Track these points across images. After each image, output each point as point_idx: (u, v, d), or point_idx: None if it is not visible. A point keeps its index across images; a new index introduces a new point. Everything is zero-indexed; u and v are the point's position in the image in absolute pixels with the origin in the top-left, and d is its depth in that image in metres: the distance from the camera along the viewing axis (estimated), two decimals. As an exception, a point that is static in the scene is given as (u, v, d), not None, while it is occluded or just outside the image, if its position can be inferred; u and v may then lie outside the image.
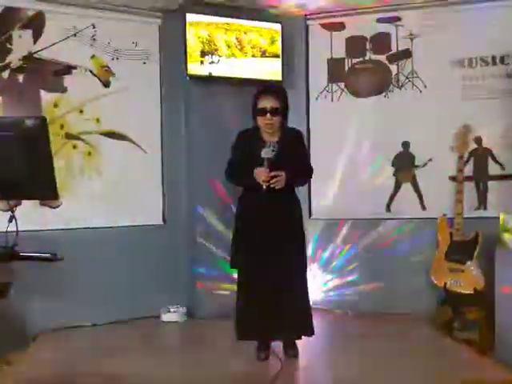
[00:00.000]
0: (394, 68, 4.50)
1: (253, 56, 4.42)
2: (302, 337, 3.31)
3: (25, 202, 3.59)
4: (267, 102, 3.16)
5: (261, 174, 3.06)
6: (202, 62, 4.26)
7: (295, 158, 3.19)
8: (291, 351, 3.28)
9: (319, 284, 4.50)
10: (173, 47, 4.37)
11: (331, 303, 4.42)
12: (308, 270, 3.36)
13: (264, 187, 3.05)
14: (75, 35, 4.09)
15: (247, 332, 3.24)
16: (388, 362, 3.24)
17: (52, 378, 3.05)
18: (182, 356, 3.55)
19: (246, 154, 3.18)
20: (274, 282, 3.13)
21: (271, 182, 3.04)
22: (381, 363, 3.21)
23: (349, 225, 4.46)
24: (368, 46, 4.54)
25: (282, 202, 3.16)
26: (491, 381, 2.96)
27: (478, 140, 4.29)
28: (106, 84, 4.24)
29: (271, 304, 3.14)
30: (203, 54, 4.26)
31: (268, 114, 3.14)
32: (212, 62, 4.29)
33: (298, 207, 3.31)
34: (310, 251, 4.40)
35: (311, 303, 3.38)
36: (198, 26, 4.24)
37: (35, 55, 3.98)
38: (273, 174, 3.05)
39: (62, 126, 4.07)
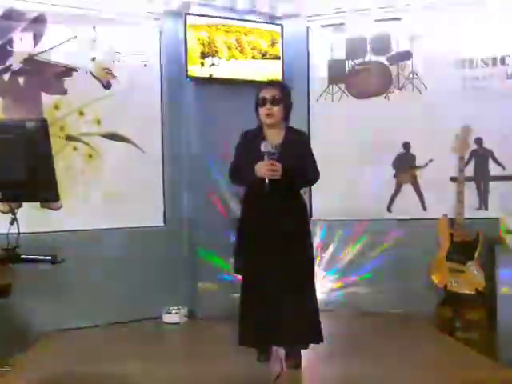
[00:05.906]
0: (394, 69, 4.50)
1: (253, 58, 4.42)
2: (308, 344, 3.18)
3: (26, 204, 3.62)
4: (267, 92, 3.13)
5: (261, 167, 2.97)
6: (202, 64, 4.26)
7: (299, 159, 3.09)
8: (292, 361, 3.13)
9: (320, 285, 4.49)
10: (173, 49, 4.38)
11: (332, 303, 4.41)
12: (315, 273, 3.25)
13: (266, 181, 2.94)
14: (76, 37, 4.09)
15: (251, 339, 3.15)
16: (388, 362, 3.24)
17: (53, 379, 3.05)
18: (182, 357, 3.54)
19: (249, 153, 3.09)
20: (280, 287, 3.03)
21: (267, 171, 2.92)
22: (381, 363, 3.21)
23: (349, 225, 4.47)
24: (368, 47, 4.55)
25: (287, 204, 3.09)
26: (492, 381, 2.95)
27: (479, 141, 4.29)
28: (107, 86, 4.25)
29: (277, 309, 3.04)
30: (203, 55, 4.27)
31: (268, 104, 3.10)
32: (212, 64, 4.29)
33: (304, 209, 3.23)
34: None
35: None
36: (198, 28, 4.24)
37: (36, 58, 3.99)
38: (270, 165, 2.92)
39: (62, 128, 4.07)
